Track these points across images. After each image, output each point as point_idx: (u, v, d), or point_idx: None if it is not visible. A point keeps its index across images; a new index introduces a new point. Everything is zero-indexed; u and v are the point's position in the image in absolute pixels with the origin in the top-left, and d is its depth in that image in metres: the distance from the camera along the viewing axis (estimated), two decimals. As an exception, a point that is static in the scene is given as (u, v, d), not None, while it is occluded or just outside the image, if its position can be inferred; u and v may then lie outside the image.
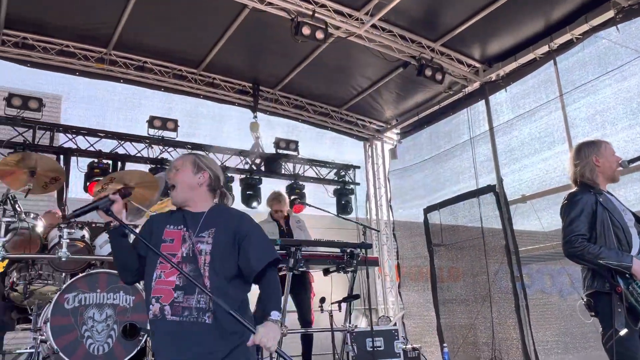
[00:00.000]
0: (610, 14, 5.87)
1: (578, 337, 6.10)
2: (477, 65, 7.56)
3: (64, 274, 4.47)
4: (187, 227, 2.42)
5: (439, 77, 7.10)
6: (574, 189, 3.25)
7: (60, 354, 3.71)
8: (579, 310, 3.22)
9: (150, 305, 2.32)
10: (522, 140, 6.75)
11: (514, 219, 6.74)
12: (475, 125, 7.50)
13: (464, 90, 7.82)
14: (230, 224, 2.46)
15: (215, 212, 2.53)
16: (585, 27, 6.15)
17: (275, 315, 2.27)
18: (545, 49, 6.66)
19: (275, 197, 6.00)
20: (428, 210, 7.99)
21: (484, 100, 7.50)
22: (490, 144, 7.23)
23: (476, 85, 7.69)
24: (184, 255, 2.38)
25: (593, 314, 3.09)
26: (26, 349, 4.30)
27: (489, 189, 7.00)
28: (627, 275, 2.92)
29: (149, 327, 2.47)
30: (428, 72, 6.99)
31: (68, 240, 4.16)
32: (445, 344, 6.36)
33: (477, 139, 7.42)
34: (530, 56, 6.86)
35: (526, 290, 6.57)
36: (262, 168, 8.49)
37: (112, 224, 2.40)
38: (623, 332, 2.81)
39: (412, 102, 8.68)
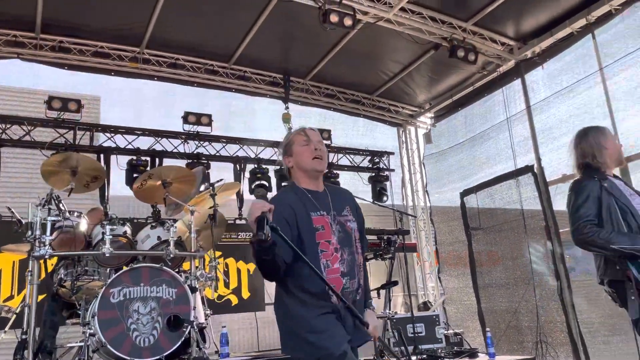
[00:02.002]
0: (651, -19, 5.62)
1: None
2: (512, 43, 7.36)
3: (108, 269, 4.62)
4: (325, 211, 2.43)
5: (472, 57, 6.94)
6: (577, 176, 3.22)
7: (109, 346, 3.84)
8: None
9: (332, 296, 2.29)
10: (560, 118, 6.53)
11: (554, 199, 6.56)
12: (511, 105, 7.30)
13: (498, 69, 7.63)
14: (352, 202, 2.59)
15: (332, 190, 2.57)
16: (624, -3, 5.91)
17: (373, 304, 2.56)
18: (582, 22, 6.43)
19: None
20: (465, 193, 7.87)
21: (519, 79, 7.30)
22: (528, 124, 7.04)
23: (511, 63, 7.48)
24: (339, 240, 2.39)
25: (618, 303, 3.00)
26: (76, 342, 4.50)
27: (527, 169, 6.83)
28: None
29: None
30: (460, 53, 6.84)
31: (111, 237, 4.29)
32: (488, 329, 6.27)
33: (514, 119, 7.23)
34: (567, 31, 6.64)
35: (569, 272, 6.41)
36: (296, 158, 8.49)
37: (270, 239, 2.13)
38: None
39: (446, 85, 8.53)
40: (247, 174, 7.93)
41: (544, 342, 6.43)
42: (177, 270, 4.71)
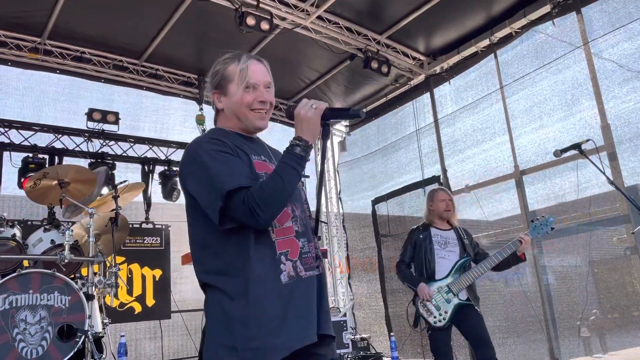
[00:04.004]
0: (546, 8, 6.09)
1: (518, 321, 6.32)
2: (422, 58, 7.66)
3: (-6, 275, 4.24)
4: (266, 158, 1.93)
5: (385, 69, 7.14)
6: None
7: (-11, 359, 3.52)
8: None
9: (282, 265, 1.70)
10: (464, 132, 6.89)
11: (457, 209, 6.86)
12: (420, 118, 7.61)
13: (409, 83, 7.91)
14: None
15: (268, 145, 2.07)
16: (523, 22, 6.34)
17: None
18: (486, 42, 6.82)
19: None
20: (376, 201, 8.07)
21: (428, 93, 7.62)
22: (435, 136, 7.36)
23: (421, 78, 7.79)
24: None
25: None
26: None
27: (434, 179, 7.13)
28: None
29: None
30: (374, 65, 7.02)
31: (-4, 240, 3.94)
32: (392, 333, 6.44)
33: (423, 131, 7.53)
34: (472, 49, 7.01)
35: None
36: (209, 161, 8.30)
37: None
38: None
39: (360, 95, 8.71)
40: (156, 176, 7.63)
41: (445, 345, 6.69)
42: (72, 276, 4.41)
